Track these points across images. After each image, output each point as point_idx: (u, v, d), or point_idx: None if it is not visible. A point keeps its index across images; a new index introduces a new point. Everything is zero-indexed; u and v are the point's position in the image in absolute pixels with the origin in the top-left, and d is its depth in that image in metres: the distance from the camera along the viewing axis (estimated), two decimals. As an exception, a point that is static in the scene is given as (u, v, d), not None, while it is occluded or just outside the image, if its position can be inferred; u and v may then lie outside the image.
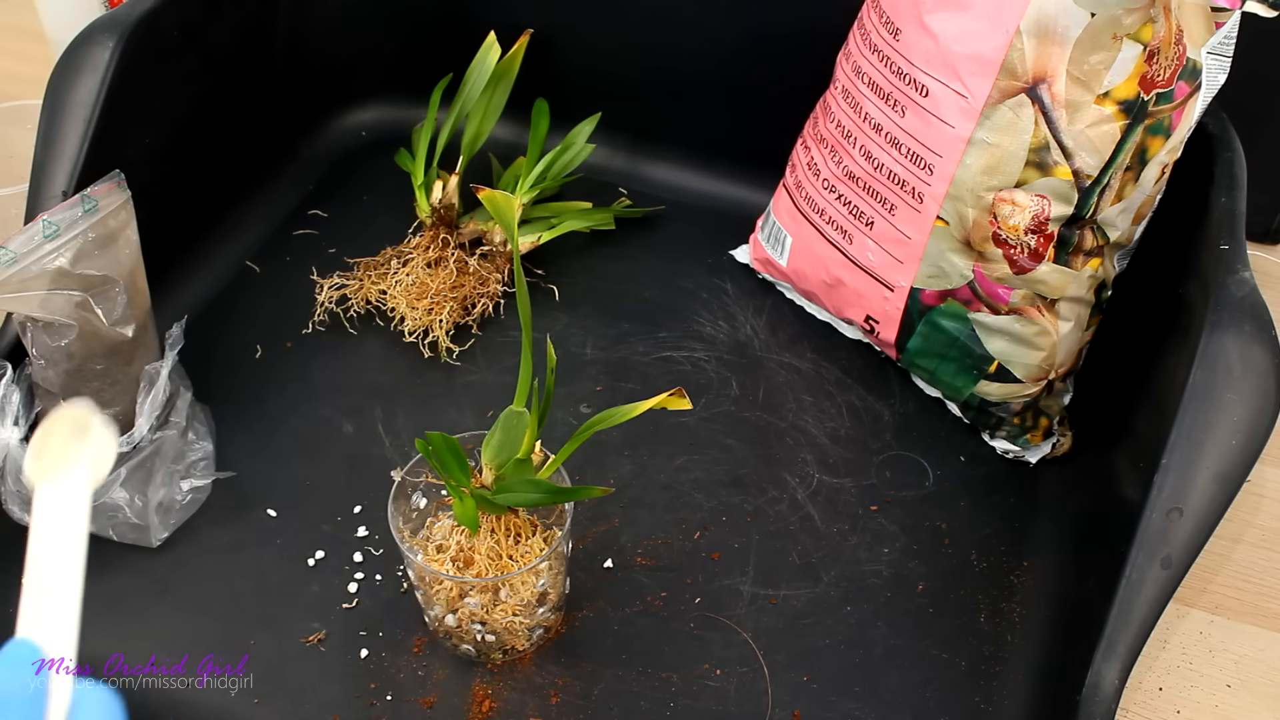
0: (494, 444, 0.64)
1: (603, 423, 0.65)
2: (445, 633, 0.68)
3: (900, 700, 0.68)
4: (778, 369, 0.87)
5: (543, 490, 0.65)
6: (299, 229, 0.98)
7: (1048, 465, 0.81)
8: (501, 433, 0.64)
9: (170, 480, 0.73)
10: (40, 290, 0.68)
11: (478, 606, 0.65)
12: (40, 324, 0.70)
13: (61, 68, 0.80)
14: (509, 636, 0.67)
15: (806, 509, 0.78)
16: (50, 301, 0.68)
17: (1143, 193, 0.72)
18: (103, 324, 0.70)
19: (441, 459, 0.63)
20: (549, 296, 0.93)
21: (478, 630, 0.66)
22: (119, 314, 0.71)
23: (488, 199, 0.61)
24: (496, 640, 0.67)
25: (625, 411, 0.65)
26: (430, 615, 0.68)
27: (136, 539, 0.73)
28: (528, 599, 0.66)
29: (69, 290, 0.69)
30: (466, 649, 0.68)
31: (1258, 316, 0.63)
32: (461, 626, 0.67)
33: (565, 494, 0.66)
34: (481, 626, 0.66)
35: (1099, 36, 0.67)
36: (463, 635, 0.67)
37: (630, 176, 1.04)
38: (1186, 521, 0.60)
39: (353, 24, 1.04)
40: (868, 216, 0.80)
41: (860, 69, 0.79)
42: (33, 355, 0.71)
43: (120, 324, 0.71)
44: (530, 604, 0.66)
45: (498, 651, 0.68)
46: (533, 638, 0.68)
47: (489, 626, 0.66)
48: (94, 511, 0.70)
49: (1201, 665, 0.72)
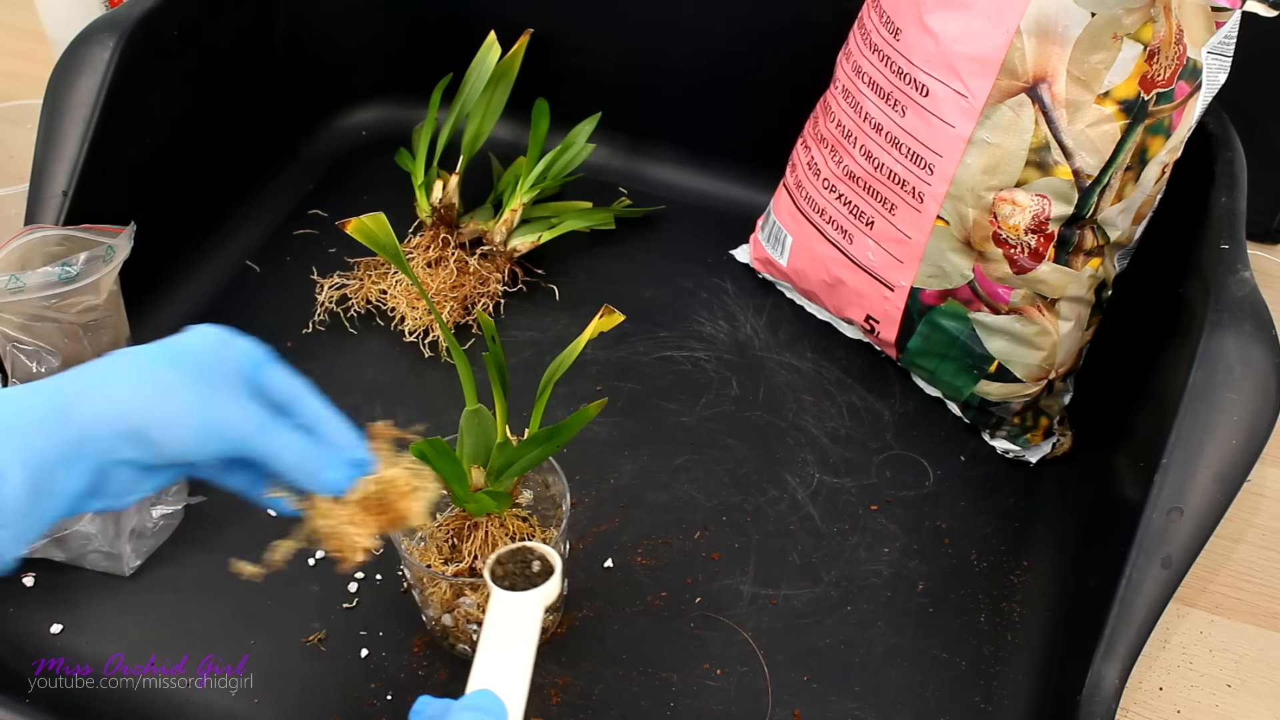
0: (466, 447, 0.64)
1: (556, 372, 0.65)
2: (442, 632, 0.68)
3: (900, 700, 0.68)
4: (778, 369, 0.87)
5: (539, 441, 0.64)
6: (299, 229, 0.98)
7: (1048, 465, 0.81)
8: (469, 435, 0.64)
9: (142, 507, 0.73)
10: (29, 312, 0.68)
11: (473, 606, 0.65)
12: (24, 349, 0.70)
13: (61, 68, 0.80)
14: None
15: (806, 509, 0.78)
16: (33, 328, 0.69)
17: (1143, 192, 0.72)
18: (89, 352, 0.70)
19: (436, 466, 0.62)
20: (549, 296, 0.93)
21: (474, 630, 0.66)
22: (105, 344, 0.71)
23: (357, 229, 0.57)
24: None
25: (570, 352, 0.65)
26: (427, 615, 0.68)
27: (109, 568, 0.72)
28: None
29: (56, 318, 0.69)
30: (464, 648, 0.68)
31: (1258, 316, 0.63)
32: (458, 626, 0.67)
33: (563, 429, 0.63)
34: (477, 626, 0.66)
35: (1099, 36, 0.67)
36: (459, 635, 0.67)
37: (630, 176, 1.04)
38: (1186, 521, 0.60)
39: (353, 24, 1.04)
40: (868, 216, 0.80)
41: (860, 69, 0.79)
42: (14, 383, 0.71)
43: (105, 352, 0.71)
44: None
45: None
46: None
47: None
48: (65, 541, 0.70)
49: (1201, 665, 0.72)
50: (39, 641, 0.69)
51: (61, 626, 0.70)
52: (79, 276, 0.69)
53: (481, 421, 0.64)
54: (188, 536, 0.75)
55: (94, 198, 0.79)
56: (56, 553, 0.71)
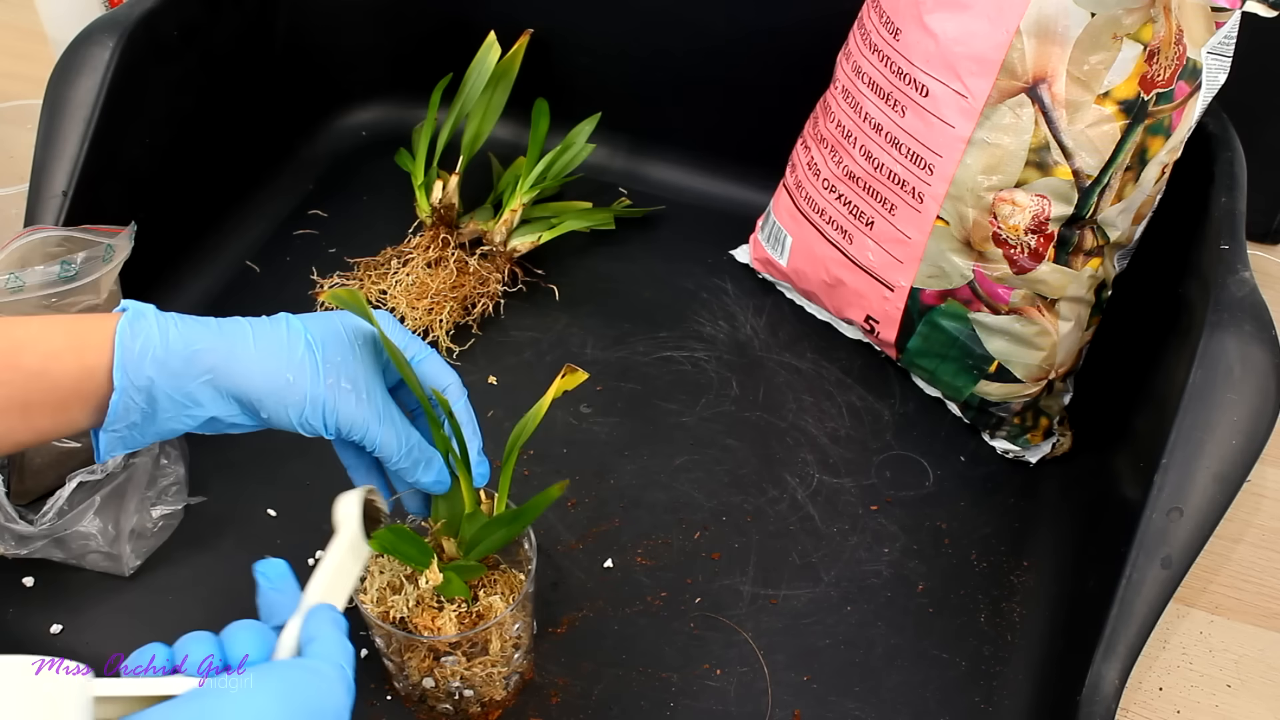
0: (442, 519, 0.63)
1: (521, 436, 0.62)
2: (421, 696, 0.65)
3: (900, 700, 0.68)
4: (778, 369, 0.87)
5: (504, 522, 0.62)
6: (299, 229, 0.98)
7: (1048, 465, 0.81)
8: (443, 504, 0.63)
9: (142, 507, 0.73)
10: (28, 311, 0.68)
11: (456, 663, 0.63)
12: None
13: (61, 68, 0.80)
14: (486, 688, 0.65)
15: (806, 509, 0.78)
16: None
17: (1143, 193, 0.72)
18: None
19: (403, 552, 0.60)
20: (549, 296, 0.93)
21: (456, 687, 0.64)
22: None
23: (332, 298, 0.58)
24: (474, 695, 0.65)
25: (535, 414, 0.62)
26: (402, 683, 0.66)
27: (109, 568, 0.72)
28: (506, 649, 0.63)
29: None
30: (445, 708, 0.65)
31: (1258, 316, 0.63)
32: (439, 688, 0.64)
33: (527, 511, 0.62)
34: (460, 683, 0.64)
35: (1099, 36, 0.67)
36: (439, 696, 0.65)
37: (630, 176, 1.04)
38: (1186, 521, 0.60)
39: (353, 24, 1.04)
40: (868, 216, 0.80)
41: (860, 69, 0.79)
42: None
43: None
44: (509, 653, 0.64)
45: (476, 705, 0.65)
46: (509, 685, 0.66)
47: (467, 681, 0.64)
48: (65, 541, 0.70)
49: (1201, 665, 0.72)
50: (39, 641, 0.69)
51: (61, 626, 0.70)
52: (79, 276, 0.68)
53: (453, 493, 0.62)
54: (188, 536, 0.75)
55: (94, 198, 0.79)
56: (56, 553, 0.71)
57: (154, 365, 0.54)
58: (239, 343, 0.56)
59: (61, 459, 0.72)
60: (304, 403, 0.56)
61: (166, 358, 0.54)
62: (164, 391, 0.54)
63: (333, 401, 0.57)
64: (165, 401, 0.54)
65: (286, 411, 0.56)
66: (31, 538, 0.70)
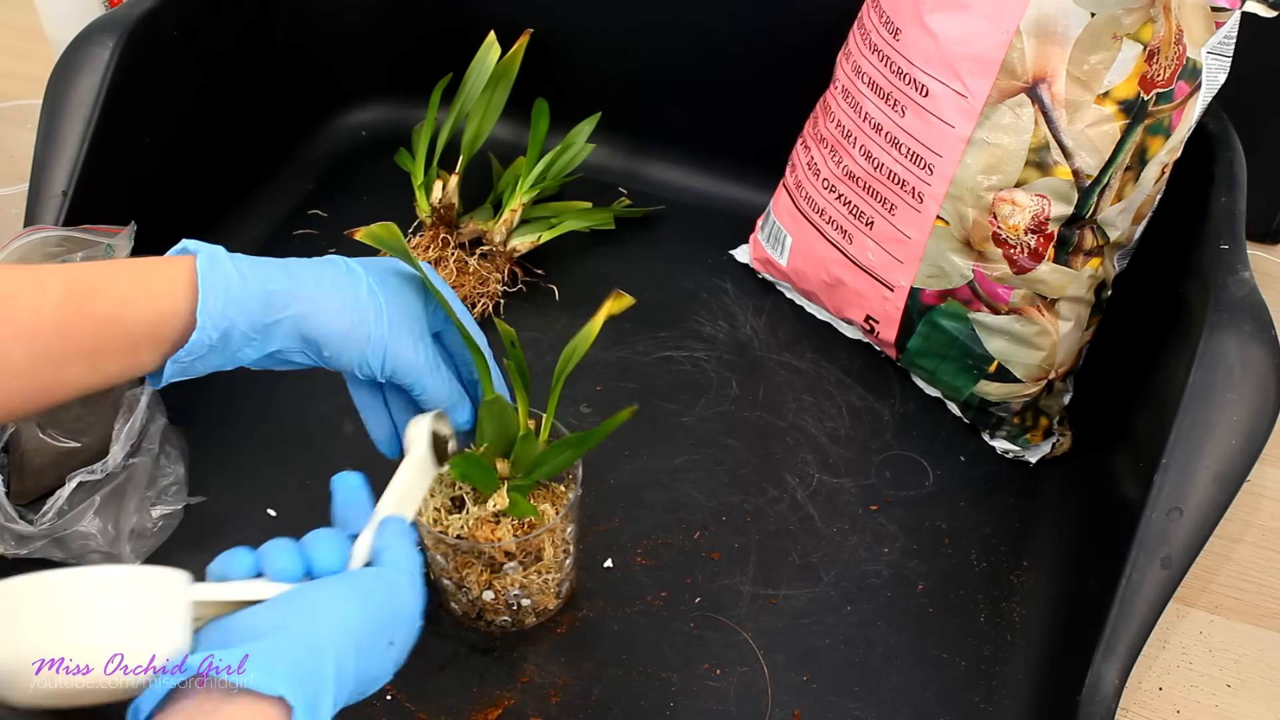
0: (488, 438, 0.65)
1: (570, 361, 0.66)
2: (479, 610, 0.69)
3: (900, 700, 0.68)
4: (778, 369, 0.87)
5: (571, 445, 0.65)
6: (299, 229, 0.98)
7: (1048, 465, 0.81)
8: (490, 424, 0.64)
9: (142, 507, 0.73)
10: None
11: (517, 570, 0.66)
12: None
13: (61, 68, 0.80)
14: (541, 597, 0.69)
15: (806, 509, 0.78)
16: None
17: (1143, 192, 0.72)
18: None
19: (475, 477, 0.65)
20: (549, 296, 0.93)
21: (515, 595, 0.68)
22: None
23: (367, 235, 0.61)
24: (530, 604, 0.69)
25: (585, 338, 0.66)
26: (460, 601, 0.69)
27: None
28: (558, 554, 0.68)
29: None
30: (504, 620, 0.69)
31: (1258, 316, 0.63)
32: (498, 599, 0.68)
33: (594, 434, 0.65)
34: (519, 590, 0.68)
35: (1099, 36, 0.67)
36: (498, 608, 0.69)
37: (630, 176, 1.04)
38: (1186, 521, 0.60)
39: (353, 24, 1.04)
40: (868, 216, 0.80)
41: (860, 69, 0.79)
42: None
43: None
44: (560, 559, 0.68)
45: (530, 615, 0.70)
46: (560, 593, 0.70)
47: (525, 590, 0.68)
48: (65, 541, 0.70)
49: (1201, 665, 0.72)
50: (39, 641, 0.69)
51: (61, 626, 0.70)
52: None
53: (501, 412, 0.64)
54: (188, 536, 0.75)
55: (94, 198, 0.79)
56: (56, 552, 0.71)
57: (234, 306, 0.55)
58: (311, 285, 0.58)
59: (61, 459, 0.72)
60: (366, 345, 0.59)
61: (243, 298, 0.56)
62: (240, 330, 0.56)
63: (394, 346, 0.59)
64: (238, 339, 0.56)
65: (349, 353, 0.59)
66: (31, 537, 0.70)
